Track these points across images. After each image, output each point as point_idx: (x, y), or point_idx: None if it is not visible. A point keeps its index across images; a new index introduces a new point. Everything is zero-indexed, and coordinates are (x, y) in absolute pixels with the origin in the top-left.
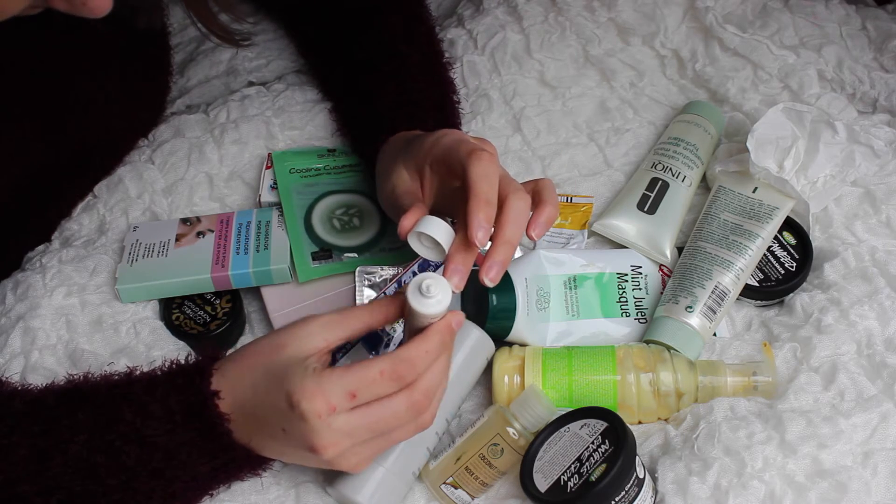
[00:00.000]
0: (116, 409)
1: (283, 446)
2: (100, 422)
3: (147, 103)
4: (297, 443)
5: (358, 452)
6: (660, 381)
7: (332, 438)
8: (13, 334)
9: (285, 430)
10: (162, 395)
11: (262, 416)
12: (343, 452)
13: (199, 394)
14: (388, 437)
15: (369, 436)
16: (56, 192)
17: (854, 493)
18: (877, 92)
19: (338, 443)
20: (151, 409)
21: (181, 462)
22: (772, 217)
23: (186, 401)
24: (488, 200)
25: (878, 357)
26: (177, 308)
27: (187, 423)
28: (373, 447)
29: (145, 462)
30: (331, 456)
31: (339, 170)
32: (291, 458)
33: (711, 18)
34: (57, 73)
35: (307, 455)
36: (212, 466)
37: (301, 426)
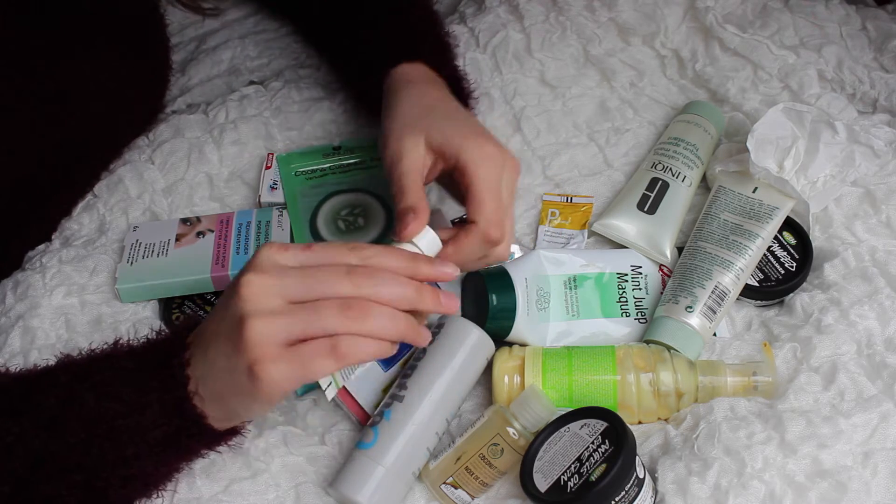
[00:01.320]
0: (92, 366)
1: (217, 320)
2: (76, 380)
3: (145, 94)
4: (231, 288)
5: (276, 311)
6: (660, 381)
7: (267, 267)
8: (13, 334)
9: (230, 285)
10: (139, 354)
11: (215, 311)
12: (265, 294)
13: (170, 348)
14: (315, 307)
15: (300, 288)
16: (55, 187)
17: (854, 493)
18: (877, 92)
19: (267, 272)
20: (126, 365)
21: (136, 422)
22: (772, 217)
23: (158, 355)
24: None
25: (878, 357)
26: (177, 308)
27: (153, 371)
28: (295, 314)
29: (102, 414)
30: (253, 281)
31: (345, 168)
32: (220, 355)
33: (711, 18)
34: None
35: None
36: (165, 432)
37: (248, 262)
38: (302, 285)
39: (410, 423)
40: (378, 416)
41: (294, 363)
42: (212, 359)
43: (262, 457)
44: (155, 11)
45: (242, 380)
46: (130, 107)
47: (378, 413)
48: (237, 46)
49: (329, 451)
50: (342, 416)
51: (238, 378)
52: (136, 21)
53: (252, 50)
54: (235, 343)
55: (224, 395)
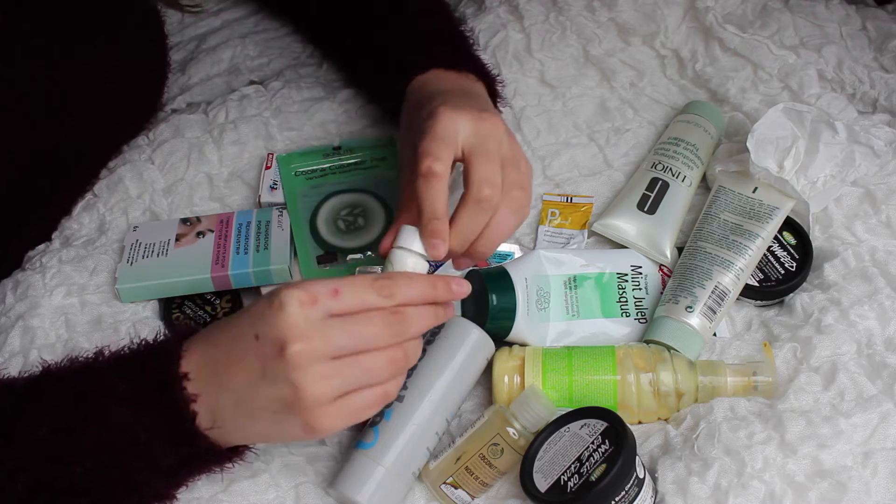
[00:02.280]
0: (83, 391)
1: (250, 373)
2: (66, 403)
3: (144, 93)
4: (267, 346)
5: (328, 374)
6: (660, 381)
7: (305, 330)
8: (13, 333)
9: (258, 337)
10: (129, 375)
11: (227, 347)
12: (313, 359)
13: (166, 375)
14: (363, 363)
15: (345, 346)
16: (55, 186)
17: (854, 493)
18: (877, 92)
19: (309, 338)
20: (119, 389)
21: (144, 450)
22: (772, 217)
23: (152, 382)
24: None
25: (878, 357)
26: (177, 308)
27: (154, 404)
28: (346, 373)
29: (108, 446)
30: (299, 352)
31: (345, 168)
32: (259, 400)
33: (711, 18)
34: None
35: (274, 366)
36: (175, 458)
37: (277, 317)
38: (347, 344)
39: (410, 423)
40: (378, 416)
41: (348, 414)
42: (251, 413)
43: (262, 457)
44: (154, 11)
45: (295, 431)
46: (130, 106)
47: (378, 413)
48: (237, 46)
49: (329, 451)
50: None
51: (289, 430)
52: (136, 20)
53: (252, 49)
54: (290, 405)
55: (264, 437)
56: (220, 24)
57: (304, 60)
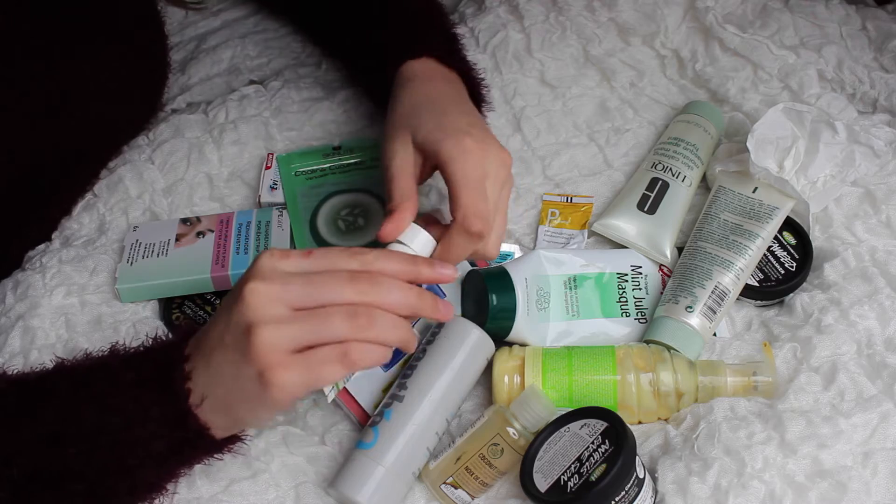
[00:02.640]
0: (89, 379)
1: (218, 324)
2: (71, 391)
3: (144, 93)
4: (234, 292)
5: (283, 318)
6: (660, 381)
7: (269, 273)
8: (13, 333)
9: (230, 292)
10: (136, 364)
11: (214, 318)
12: (270, 300)
13: (169, 359)
14: (321, 314)
15: (305, 295)
16: (55, 186)
17: (854, 493)
18: (877, 92)
19: (271, 279)
20: (125, 377)
21: (137, 432)
22: (772, 217)
23: (157, 367)
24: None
25: (878, 357)
26: (177, 308)
27: (153, 384)
28: (302, 322)
29: (104, 428)
30: (257, 288)
31: (345, 168)
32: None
33: (711, 18)
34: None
35: (236, 318)
36: (167, 442)
37: (248, 268)
38: (306, 292)
39: (410, 423)
40: (378, 416)
41: (304, 370)
42: (216, 368)
43: (262, 457)
44: (154, 11)
45: (252, 387)
46: (130, 106)
47: (378, 413)
48: (237, 46)
49: (329, 451)
50: (342, 416)
51: (247, 385)
52: (135, 20)
53: (252, 49)
54: (243, 351)
55: (231, 404)
56: (220, 24)
57: (304, 60)
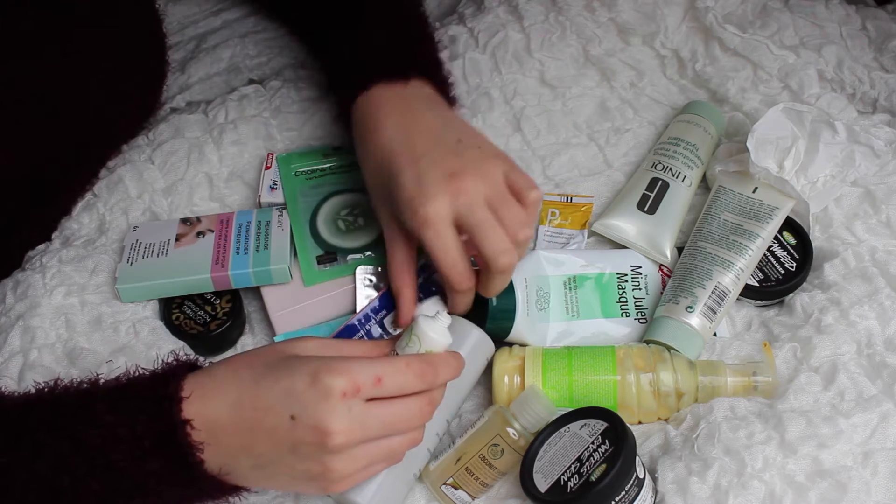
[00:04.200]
0: (82, 431)
1: (280, 447)
2: (65, 443)
3: (143, 92)
4: (304, 430)
5: (359, 457)
6: (660, 381)
7: (348, 424)
8: (12, 333)
9: (294, 417)
10: (129, 417)
11: (257, 416)
12: (350, 447)
13: (169, 422)
14: (391, 444)
15: (379, 432)
16: (55, 186)
17: (854, 493)
18: (877, 92)
19: (351, 431)
20: (118, 432)
21: (149, 491)
22: (772, 217)
23: (155, 428)
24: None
25: (878, 357)
26: (177, 308)
27: (156, 451)
28: (375, 453)
29: (112, 489)
30: (339, 443)
31: (345, 168)
32: (283, 468)
33: (711, 18)
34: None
35: (308, 449)
36: (181, 496)
37: (319, 406)
38: (382, 431)
39: None
40: None
41: (360, 479)
42: (272, 477)
43: None
44: (153, 10)
45: (309, 491)
46: (128, 104)
47: None
48: (237, 45)
49: None
50: None
51: (304, 489)
52: (135, 20)
53: (252, 49)
54: (313, 477)
55: (276, 489)
56: (220, 23)
57: (303, 60)
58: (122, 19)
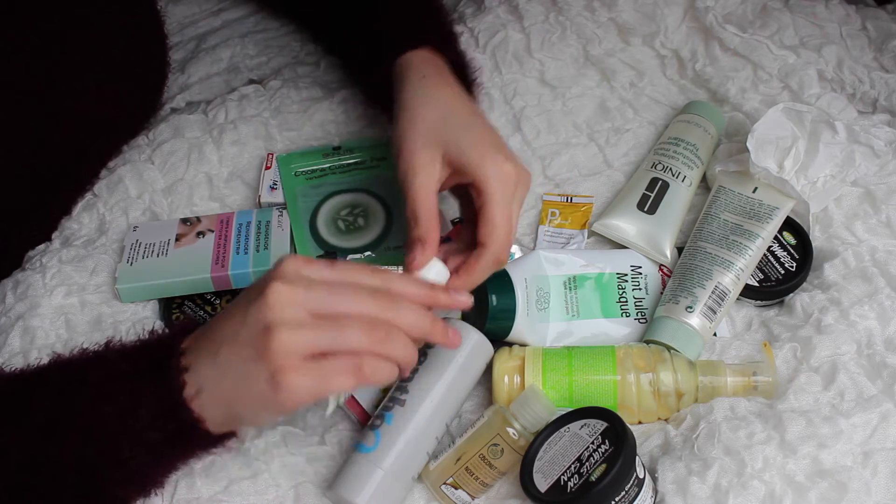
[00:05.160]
0: (86, 373)
1: (232, 320)
2: (68, 384)
3: (143, 91)
4: (253, 291)
5: (302, 322)
6: (660, 381)
7: (294, 277)
8: (12, 333)
9: (248, 291)
10: (133, 355)
11: (225, 316)
12: (292, 304)
13: (166, 350)
14: (339, 323)
15: (326, 303)
16: (55, 186)
17: (854, 493)
18: (877, 92)
19: (295, 283)
20: (120, 368)
21: (131, 421)
22: (772, 217)
23: (153, 358)
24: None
25: (878, 357)
26: (177, 308)
27: (147, 375)
28: (319, 329)
29: (98, 418)
30: (280, 290)
31: (345, 168)
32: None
33: (711, 18)
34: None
35: (255, 305)
36: (161, 435)
37: (271, 270)
38: (329, 300)
39: (411, 427)
40: (378, 420)
41: (316, 376)
42: (224, 362)
43: (262, 457)
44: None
45: (260, 386)
46: (129, 105)
47: (378, 416)
48: (237, 45)
49: (329, 451)
50: (342, 416)
51: (255, 384)
52: (136, 20)
53: (252, 49)
54: (259, 350)
55: (233, 400)
56: (220, 23)
57: (303, 59)
58: (122, 20)
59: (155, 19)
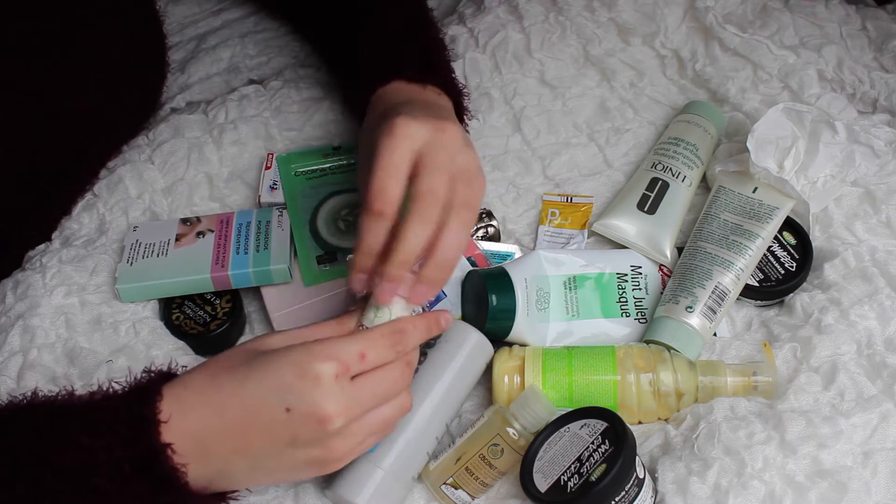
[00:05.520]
0: (60, 455)
1: (280, 441)
2: (44, 467)
3: (143, 91)
4: (302, 419)
5: (357, 433)
6: (660, 381)
7: (344, 404)
8: (12, 333)
9: (290, 410)
10: (106, 440)
11: (248, 417)
12: (350, 425)
13: (148, 447)
14: (384, 414)
15: (372, 405)
16: (55, 186)
17: (854, 493)
18: (877, 92)
19: (349, 409)
20: (97, 456)
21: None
22: (772, 217)
23: (134, 453)
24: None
25: (878, 357)
26: (177, 308)
27: (137, 475)
28: (370, 425)
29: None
30: (340, 426)
31: (345, 168)
32: (282, 461)
33: (711, 18)
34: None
35: (308, 437)
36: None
37: (313, 393)
38: (374, 404)
39: (411, 427)
40: None
41: (356, 454)
42: (269, 470)
43: None
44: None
45: (307, 476)
46: (129, 105)
47: None
48: (237, 45)
49: None
50: None
51: (303, 476)
52: (135, 20)
53: (252, 49)
54: (315, 463)
55: (273, 483)
56: (221, 23)
57: (304, 60)
58: (122, 20)
59: (155, 19)
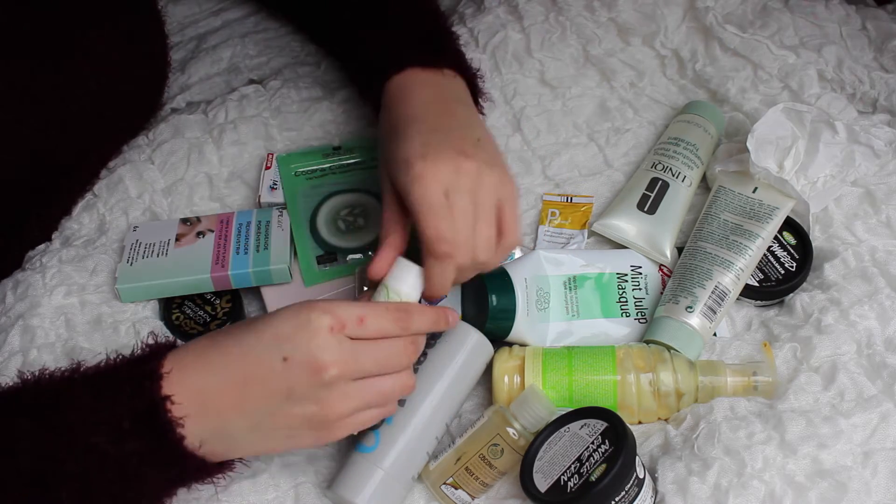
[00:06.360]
0: (62, 415)
1: (274, 394)
2: (45, 429)
3: (143, 92)
4: (298, 368)
5: (353, 395)
6: (660, 381)
7: (339, 355)
8: (12, 333)
9: (287, 359)
10: (108, 398)
11: (247, 369)
12: (344, 381)
13: (148, 399)
14: (383, 386)
15: (370, 369)
16: (56, 186)
17: (854, 493)
18: (877, 92)
19: (344, 362)
20: (98, 415)
21: (131, 474)
22: (772, 217)
23: (134, 407)
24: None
25: (878, 357)
26: (177, 308)
27: (136, 431)
28: (367, 392)
29: (94, 472)
30: (334, 375)
31: (345, 168)
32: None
33: (711, 18)
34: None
35: (304, 388)
36: (164, 478)
37: (311, 342)
38: (372, 368)
39: (411, 427)
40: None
41: (354, 427)
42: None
43: (262, 457)
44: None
45: (306, 443)
46: (130, 105)
47: None
48: (237, 45)
49: (329, 451)
50: None
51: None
52: (136, 20)
53: (252, 49)
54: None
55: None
56: (221, 23)
57: (304, 59)
58: (123, 20)
59: (155, 19)
